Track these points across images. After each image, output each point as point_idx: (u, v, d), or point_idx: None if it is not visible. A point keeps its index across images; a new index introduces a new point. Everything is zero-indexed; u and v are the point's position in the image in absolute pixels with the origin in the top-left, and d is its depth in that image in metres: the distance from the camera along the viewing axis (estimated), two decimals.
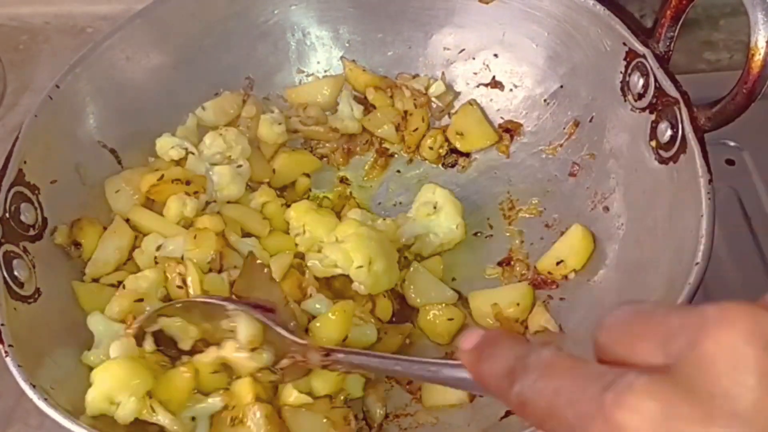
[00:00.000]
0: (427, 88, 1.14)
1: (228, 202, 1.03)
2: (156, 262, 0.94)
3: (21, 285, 0.85)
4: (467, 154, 1.11)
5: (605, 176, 0.97)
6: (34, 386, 0.76)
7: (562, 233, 0.99)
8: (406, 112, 1.13)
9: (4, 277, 0.83)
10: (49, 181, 0.94)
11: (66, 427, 0.75)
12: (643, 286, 0.84)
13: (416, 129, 1.12)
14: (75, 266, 0.96)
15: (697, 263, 0.75)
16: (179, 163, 1.04)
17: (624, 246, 0.92)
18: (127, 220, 1.00)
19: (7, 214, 0.87)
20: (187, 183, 1.00)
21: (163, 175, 0.98)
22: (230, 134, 1.05)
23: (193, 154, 1.03)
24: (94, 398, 0.79)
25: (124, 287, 0.90)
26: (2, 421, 0.99)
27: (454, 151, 1.12)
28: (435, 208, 1.03)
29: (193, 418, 0.83)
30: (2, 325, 0.79)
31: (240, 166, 1.05)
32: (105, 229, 0.98)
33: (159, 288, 0.91)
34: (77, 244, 0.96)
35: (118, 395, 0.79)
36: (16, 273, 0.85)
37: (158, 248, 0.95)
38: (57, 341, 0.86)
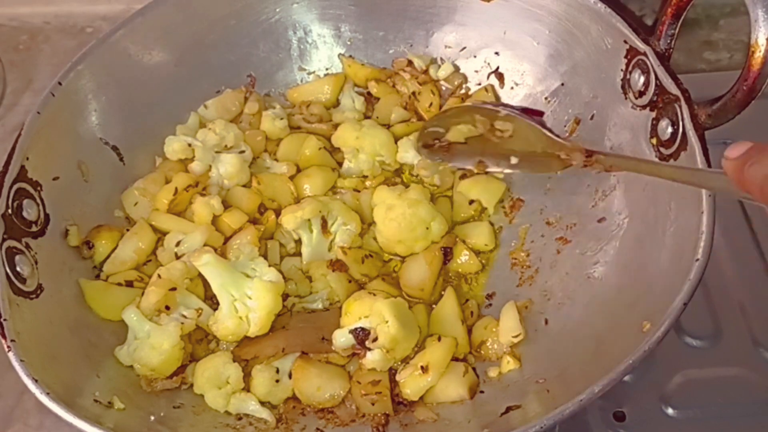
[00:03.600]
0: (426, 68, 1.15)
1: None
2: (177, 257, 0.98)
3: (23, 281, 0.85)
4: None
5: (606, 174, 0.97)
6: (36, 381, 0.76)
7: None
8: (414, 93, 1.14)
9: (6, 273, 0.83)
10: (51, 178, 0.95)
11: (65, 426, 0.75)
12: (643, 283, 0.84)
13: (431, 104, 1.13)
14: (79, 264, 0.97)
15: (697, 259, 0.76)
16: (185, 162, 1.06)
17: (624, 243, 0.92)
18: None
19: (10, 211, 0.87)
20: (196, 184, 1.04)
21: (176, 189, 1.02)
22: (218, 126, 1.07)
23: (199, 145, 1.05)
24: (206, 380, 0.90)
25: (159, 276, 0.93)
26: (2, 421, 0.99)
27: None
28: None
29: (278, 370, 0.92)
30: (4, 320, 0.79)
31: (243, 151, 1.08)
32: (122, 234, 1.01)
33: (187, 278, 0.94)
34: (89, 243, 0.97)
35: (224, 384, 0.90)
36: (18, 269, 0.85)
37: (177, 244, 0.99)
38: (60, 338, 0.87)
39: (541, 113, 0.96)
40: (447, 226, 1.03)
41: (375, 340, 0.88)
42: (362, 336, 0.89)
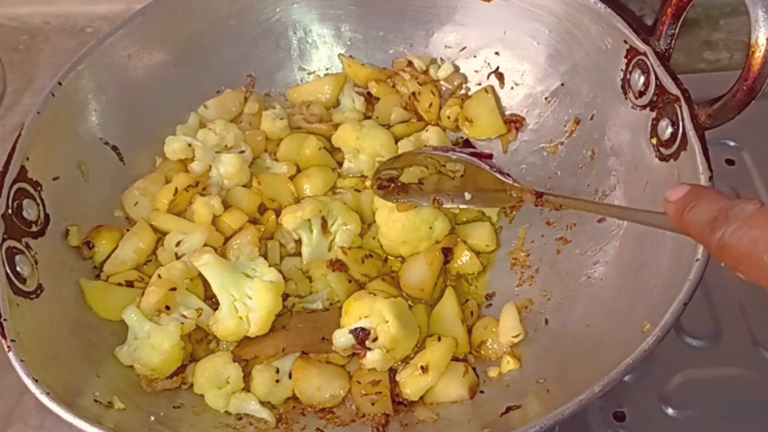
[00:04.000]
0: (426, 68, 1.15)
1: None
2: (177, 257, 0.98)
3: (23, 281, 0.85)
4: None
5: (606, 174, 0.98)
6: (36, 381, 0.76)
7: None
8: (414, 93, 1.14)
9: (6, 273, 0.83)
10: (51, 178, 0.95)
11: (65, 426, 0.75)
12: (643, 283, 0.84)
13: (431, 104, 1.13)
14: (79, 264, 0.97)
15: (697, 260, 0.75)
16: (185, 162, 1.06)
17: (624, 243, 0.92)
18: None
19: (10, 211, 0.87)
20: (197, 184, 1.04)
21: (176, 189, 1.02)
22: (218, 126, 1.07)
23: (199, 145, 1.05)
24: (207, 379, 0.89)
25: (159, 276, 0.93)
26: (2, 421, 0.99)
27: (465, 143, 1.13)
28: None
29: (278, 370, 0.91)
30: (4, 320, 0.79)
31: (243, 151, 1.08)
32: (122, 234, 1.01)
33: (187, 278, 0.94)
34: (89, 244, 0.97)
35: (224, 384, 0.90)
36: (18, 269, 0.85)
37: (178, 244, 0.99)
38: (60, 338, 0.87)
39: (490, 156, 1.01)
40: (450, 226, 1.03)
41: (375, 340, 0.88)
42: (362, 336, 0.89)
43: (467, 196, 0.99)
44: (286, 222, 0.98)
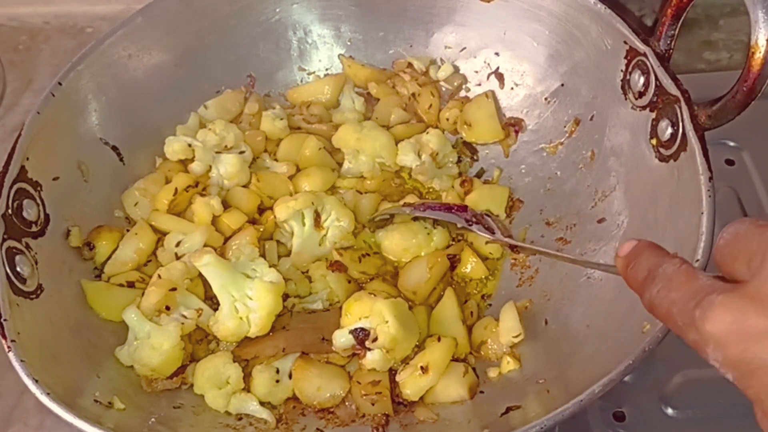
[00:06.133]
0: (426, 69, 1.15)
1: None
2: (177, 257, 0.98)
3: (23, 281, 0.85)
4: (473, 152, 1.12)
5: (606, 174, 0.98)
6: (36, 381, 0.76)
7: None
8: (414, 94, 1.14)
9: (6, 273, 0.83)
10: (51, 178, 0.94)
11: (65, 426, 0.75)
12: None
13: (430, 105, 1.13)
14: (79, 264, 0.97)
15: (697, 260, 0.76)
16: (185, 162, 1.06)
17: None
18: None
19: (10, 211, 0.87)
20: (196, 185, 1.04)
21: (176, 189, 1.02)
22: (218, 126, 1.07)
23: (199, 146, 1.05)
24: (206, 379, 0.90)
25: (159, 277, 0.92)
26: (2, 421, 0.99)
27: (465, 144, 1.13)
28: None
29: (278, 370, 0.91)
30: (4, 320, 0.79)
31: (243, 152, 1.07)
32: (122, 234, 1.01)
33: (187, 278, 0.94)
34: (90, 245, 0.97)
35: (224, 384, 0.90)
36: (18, 269, 0.85)
37: (177, 244, 0.99)
38: (60, 338, 0.87)
39: (464, 208, 1.03)
40: (449, 238, 1.03)
41: (375, 340, 0.88)
42: (362, 336, 0.89)
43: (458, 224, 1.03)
44: (279, 212, 0.98)
